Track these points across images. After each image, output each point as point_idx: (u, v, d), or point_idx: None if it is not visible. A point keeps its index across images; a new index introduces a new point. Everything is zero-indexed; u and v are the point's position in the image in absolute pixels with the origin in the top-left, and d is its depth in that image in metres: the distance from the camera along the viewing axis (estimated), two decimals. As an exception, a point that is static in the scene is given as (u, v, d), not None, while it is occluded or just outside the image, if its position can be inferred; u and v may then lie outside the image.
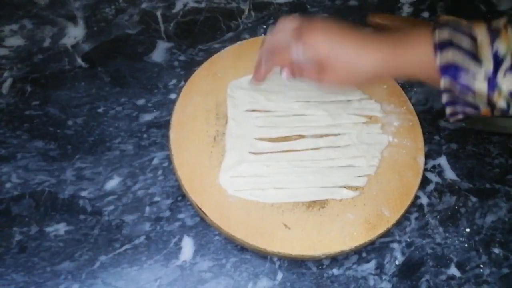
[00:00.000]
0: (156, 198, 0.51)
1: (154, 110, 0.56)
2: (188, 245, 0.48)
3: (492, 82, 0.38)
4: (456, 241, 0.51)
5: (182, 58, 0.61)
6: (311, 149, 0.51)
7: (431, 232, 0.51)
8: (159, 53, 0.61)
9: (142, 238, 0.48)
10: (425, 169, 0.53)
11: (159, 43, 0.61)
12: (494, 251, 0.51)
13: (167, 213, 0.50)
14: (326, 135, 0.52)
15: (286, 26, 0.47)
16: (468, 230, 0.52)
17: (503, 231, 0.52)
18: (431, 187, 0.54)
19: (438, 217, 0.52)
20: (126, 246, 0.48)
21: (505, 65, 0.38)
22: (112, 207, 0.50)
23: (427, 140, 0.56)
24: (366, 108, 0.55)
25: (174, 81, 0.59)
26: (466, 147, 0.57)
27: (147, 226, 0.49)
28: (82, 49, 0.60)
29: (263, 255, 0.48)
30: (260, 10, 0.66)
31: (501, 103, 0.39)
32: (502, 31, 0.38)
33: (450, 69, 0.40)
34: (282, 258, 0.48)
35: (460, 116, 0.44)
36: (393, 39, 0.45)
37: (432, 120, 0.58)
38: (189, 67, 0.59)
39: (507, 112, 0.40)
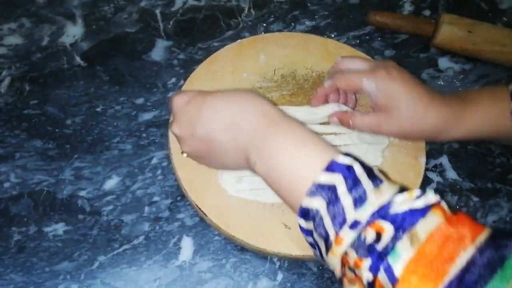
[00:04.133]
0: (155, 198, 0.50)
1: (153, 109, 0.56)
2: (187, 245, 0.48)
3: None
4: (458, 241, 0.51)
5: (181, 56, 0.60)
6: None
7: (432, 232, 0.51)
8: (158, 52, 0.60)
9: (141, 238, 0.48)
10: (427, 169, 0.53)
11: (158, 42, 0.61)
12: (496, 251, 0.51)
13: (166, 213, 0.50)
14: (326, 134, 0.52)
15: (356, 61, 0.49)
16: (469, 230, 0.51)
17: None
18: (432, 187, 0.53)
19: (439, 217, 0.52)
20: (125, 246, 0.48)
21: None
22: (111, 207, 0.50)
23: (428, 139, 0.55)
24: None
25: (173, 80, 0.58)
26: (468, 146, 0.56)
27: (146, 226, 0.49)
28: (81, 48, 0.60)
29: (263, 256, 0.48)
30: (260, 8, 0.65)
31: None
32: None
33: None
34: (282, 258, 0.48)
35: None
36: (461, 96, 0.46)
37: (434, 119, 0.58)
38: (189, 66, 0.58)
39: None
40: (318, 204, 0.33)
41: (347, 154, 0.35)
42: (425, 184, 0.53)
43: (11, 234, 0.48)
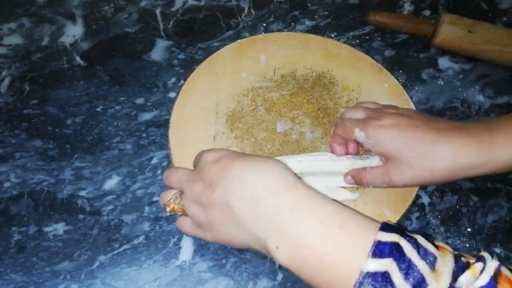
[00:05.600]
0: (155, 198, 0.50)
1: (153, 109, 0.56)
2: (187, 245, 0.48)
3: None
4: (458, 241, 0.51)
5: (181, 56, 0.60)
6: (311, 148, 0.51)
7: (432, 232, 0.51)
8: (158, 52, 0.60)
9: (141, 238, 0.48)
10: (426, 169, 0.53)
11: (158, 42, 0.61)
12: (496, 250, 0.51)
13: (166, 213, 0.50)
14: (326, 135, 0.52)
15: (357, 111, 0.47)
16: (469, 229, 0.51)
17: (504, 231, 0.52)
18: (432, 186, 0.54)
19: (439, 216, 0.52)
20: (125, 246, 0.48)
21: None
22: (111, 207, 0.50)
23: (428, 139, 0.55)
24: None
25: (173, 79, 0.58)
26: (468, 146, 0.56)
27: (146, 226, 0.49)
28: (81, 48, 0.60)
29: (263, 255, 0.48)
30: (260, 8, 0.65)
31: None
32: None
33: None
34: (282, 258, 0.48)
35: None
36: (477, 129, 0.41)
37: (433, 119, 0.58)
38: (189, 66, 0.58)
39: None
40: None
41: (387, 226, 0.32)
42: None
43: (11, 234, 0.48)
